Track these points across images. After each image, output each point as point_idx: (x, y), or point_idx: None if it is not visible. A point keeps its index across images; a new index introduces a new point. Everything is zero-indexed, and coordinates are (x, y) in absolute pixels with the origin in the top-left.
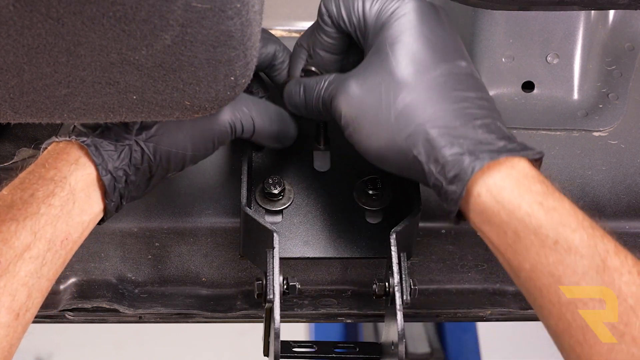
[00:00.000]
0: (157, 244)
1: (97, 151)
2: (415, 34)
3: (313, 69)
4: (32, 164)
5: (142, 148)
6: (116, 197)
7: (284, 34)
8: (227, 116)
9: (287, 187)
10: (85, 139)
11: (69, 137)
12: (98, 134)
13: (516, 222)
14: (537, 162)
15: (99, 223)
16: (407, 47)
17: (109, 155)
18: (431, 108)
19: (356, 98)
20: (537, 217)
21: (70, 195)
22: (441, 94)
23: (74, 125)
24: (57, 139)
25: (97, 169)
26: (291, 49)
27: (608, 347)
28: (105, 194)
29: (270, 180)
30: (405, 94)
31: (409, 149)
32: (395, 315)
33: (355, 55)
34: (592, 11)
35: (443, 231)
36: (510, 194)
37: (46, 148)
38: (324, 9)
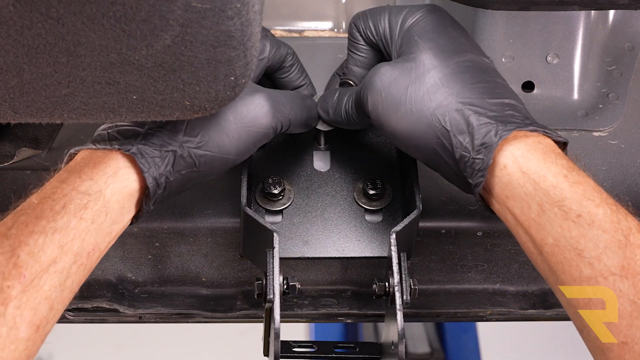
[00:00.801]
0: (157, 244)
1: (143, 159)
2: (440, 30)
3: (350, 81)
4: (65, 171)
5: (187, 154)
6: (153, 203)
7: (284, 34)
8: (270, 119)
9: (287, 187)
10: (129, 147)
11: (110, 145)
12: (140, 140)
13: (541, 194)
14: (562, 146)
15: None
16: (434, 39)
17: (154, 162)
18: (459, 84)
19: (387, 77)
20: (562, 189)
21: (103, 208)
22: (468, 74)
23: (108, 132)
24: (94, 147)
25: (140, 178)
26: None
27: (627, 322)
28: (145, 201)
29: (270, 180)
30: (434, 73)
31: (437, 120)
32: (395, 315)
33: None
34: (592, 11)
35: (443, 231)
36: (536, 165)
37: (75, 154)
38: (353, 25)
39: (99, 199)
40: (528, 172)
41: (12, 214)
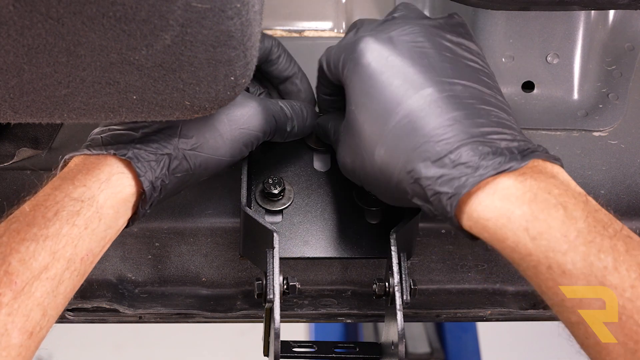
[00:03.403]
0: (157, 244)
1: (139, 163)
2: (365, 87)
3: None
4: (58, 178)
5: (183, 156)
6: (149, 206)
7: (284, 34)
8: (263, 121)
9: (287, 187)
10: (125, 151)
11: (105, 150)
12: (136, 144)
13: (509, 252)
14: (547, 161)
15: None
16: (363, 103)
17: (150, 166)
18: (402, 156)
19: (346, 164)
20: (525, 245)
21: (96, 213)
22: (405, 140)
23: (101, 137)
24: (88, 152)
25: (136, 182)
26: (291, 49)
27: None
28: (141, 205)
29: (270, 180)
30: (378, 149)
31: (404, 194)
32: (395, 315)
33: None
34: (592, 11)
35: (443, 231)
36: (494, 226)
37: (69, 160)
38: (319, 62)
39: (92, 205)
40: (489, 234)
41: (4, 221)
